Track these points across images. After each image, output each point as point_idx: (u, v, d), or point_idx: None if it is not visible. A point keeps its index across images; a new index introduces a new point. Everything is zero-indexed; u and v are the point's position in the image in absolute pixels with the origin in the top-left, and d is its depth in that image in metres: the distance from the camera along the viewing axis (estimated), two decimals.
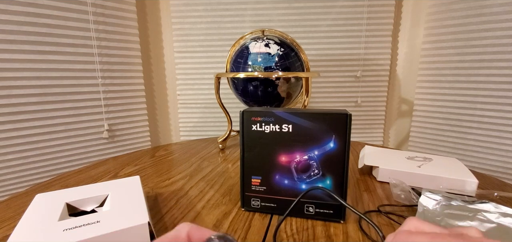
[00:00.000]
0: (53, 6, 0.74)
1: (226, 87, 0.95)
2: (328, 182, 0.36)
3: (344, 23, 0.93)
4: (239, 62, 0.65)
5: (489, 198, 0.43)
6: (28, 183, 0.77)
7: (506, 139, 0.77)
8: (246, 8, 0.93)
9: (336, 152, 0.35)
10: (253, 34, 0.72)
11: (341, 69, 0.96)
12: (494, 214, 0.33)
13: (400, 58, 0.98)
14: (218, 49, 0.97)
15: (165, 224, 0.38)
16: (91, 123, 0.85)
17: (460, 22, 0.82)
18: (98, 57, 0.83)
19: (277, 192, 0.38)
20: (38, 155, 0.77)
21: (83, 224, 0.28)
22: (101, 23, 0.83)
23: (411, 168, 0.50)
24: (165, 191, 0.48)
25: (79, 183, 0.52)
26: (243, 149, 0.39)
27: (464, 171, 0.49)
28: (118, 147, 0.92)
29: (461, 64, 0.83)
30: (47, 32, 0.74)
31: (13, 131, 0.72)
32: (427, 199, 0.37)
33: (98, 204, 0.35)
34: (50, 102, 0.77)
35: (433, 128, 0.91)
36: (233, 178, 0.54)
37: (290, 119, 0.36)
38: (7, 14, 0.68)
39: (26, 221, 0.29)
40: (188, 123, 1.05)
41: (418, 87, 0.93)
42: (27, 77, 0.73)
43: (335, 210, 0.37)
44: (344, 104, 1.00)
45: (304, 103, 0.63)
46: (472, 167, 0.84)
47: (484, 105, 0.80)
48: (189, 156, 0.69)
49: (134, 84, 0.93)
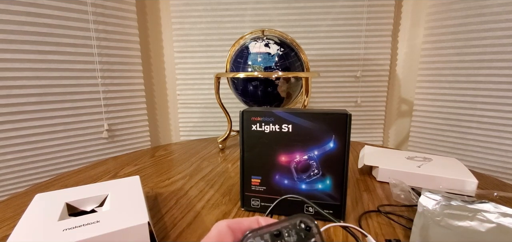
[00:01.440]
0: (53, 6, 0.74)
1: (226, 87, 0.95)
2: (328, 182, 0.36)
3: (344, 23, 0.93)
4: (239, 62, 0.65)
5: (489, 198, 0.43)
6: (28, 183, 0.77)
7: (506, 139, 0.77)
8: (246, 8, 0.93)
9: (336, 152, 0.35)
10: (253, 34, 0.72)
11: (341, 69, 0.96)
12: (494, 214, 0.33)
13: (400, 58, 0.98)
14: (218, 49, 0.97)
15: (165, 224, 0.38)
16: (91, 122, 0.85)
17: (460, 22, 0.82)
18: (98, 57, 0.83)
19: (277, 192, 0.38)
20: (38, 155, 0.77)
21: (83, 224, 0.28)
22: (101, 23, 0.83)
23: (411, 168, 0.50)
24: (165, 191, 0.48)
25: (78, 183, 0.52)
26: (243, 149, 0.39)
27: (464, 171, 0.49)
28: (118, 147, 0.92)
29: (461, 64, 0.83)
30: (47, 32, 0.74)
31: (13, 130, 0.72)
32: (426, 199, 0.37)
33: (97, 204, 0.35)
34: (50, 102, 0.77)
35: (433, 128, 0.91)
36: (233, 178, 0.54)
37: (290, 119, 0.36)
38: (7, 14, 0.68)
39: (25, 221, 0.29)
40: (188, 123, 1.04)
41: (418, 87, 0.93)
42: (27, 77, 0.73)
43: (335, 210, 0.37)
44: (344, 104, 1.00)
45: (304, 103, 0.63)
46: (472, 167, 0.84)
47: (484, 105, 0.80)
48: (189, 156, 0.68)
49: (134, 84, 0.93)
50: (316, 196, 0.37)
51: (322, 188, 0.36)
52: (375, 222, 0.37)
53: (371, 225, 0.37)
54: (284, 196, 0.33)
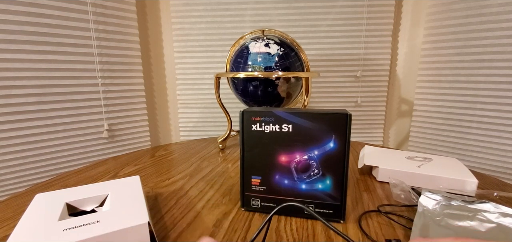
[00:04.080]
0: (53, 6, 0.74)
1: (226, 87, 0.95)
2: (328, 182, 0.36)
3: (344, 23, 0.93)
4: (239, 62, 0.65)
5: (489, 198, 0.43)
6: (28, 183, 0.77)
7: (506, 139, 0.77)
8: (246, 8, 0.93)
9: (336, 152, 0.35)
10: (253, 34, 0.72)
11: (341, 69, 0.96)
12: (494, 214, 0.33)
13: (400, 58, 0.98)
14: (218, 49, 0.97)
15: (165, 224, 0.38)
16: (91, 122, 0.85)
17: (460, 22, 0.82)
18: (98, 57, 0.83)
19: (277, 192, 0.38)
20: (38, 155, 0.77)
21: (83, 224, 0.28)
22: (101, 23, 0.83)
23: (411, 168, 0.50)
24: (165, 191, 0.48)
25: (79, 183, 0.52)
26: (243, 149, 0.39)
27: (464, 171, 0.49)
28: (118, 147, 0.92)
29: (461, 64, 0.83)
30: (47, 32, 0.74)
31: (13, 130, 0.72)
32: (427, 199, 0.37)
33: (98, 204, 0.35)
34: (50, 102, 0.77)
35: (433, 128, 0.91)
36: (233, 178, 0.54)
37: (290, 119, 0.36)
38: (7, 14, 0.68)
39: (26, 221, 0.29)
40: (188, 123, 1.04)
41: (418, 87, 0.93)
42: (27, 77, 0.73)
43: (335, 210, 0.37)
44: (344, 104, 1.00)
45: (304, 103, 0.63)
46: (472, 167, 0.84)
47: (484, 105, 0.80)
48: (189, 156, 0.69)
49: (134, 84, 0.93)
50: (316, 196, 0.37)
51: (322, 188, 0.36)
52: (375, 222, 0.37)
53: (371, 225, 0.37)
54: (285, 204, 0.33)
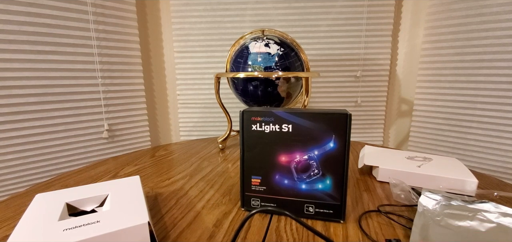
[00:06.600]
0: (53, 6, 0.74)
1: (226, 87, 0.95)
2: (328, 182, 0.36)
3: (344, 23, 0.93)
4: (239, 62, 0.65)
5: (489, 198, 0.43)
6: (28, 183, 0.77)
7: (506, 139, 0.77)
8: (246, 8, 0.93)
9: (336, 151, 0.35)
10: (253, 34, 0.72)
11: (341, 69, 0.96)
12: (494, 214, 0.33)
13: (400, 58, 0.98)
14: (218, 49, 0.97)
15: (165, 224, 0.38)
16: (91, 123, 0.85)
17: (460, 22, 0.82)
18: (98, 57, 0.83)
19: (277, 192, 0.38)
20: (38, 155, 0.77)
21: (83, 224, 0.28)
22: (101, 23, 0.83)
23: (411, 168, 0.50)
24: (165, 191, 0.48)
25: (79, 183, 0.52)
26: (243, 149, 0.39)
27: (464, 171, 0.49)
28: (118, 147, 0.92)
29: (461, 64, 0.83)
30: (47, 32, 0.74)
31: (13, 130, 0.72)
32: (427, 199, 0.37)
33: (98, 204, 0.35)
34: (50, 102, 0.77)
35: (433, 127, 0.91)
36: (233, 178, 0.54)
37: (290, 119, 0.36)
38: (7, 14, 0.68)
39: (26, 221, 0.29)
40: (188, 123, 1.04)
41: (418, 87, 0.93)
42: (27, 77, 0.73)
43: (335, 210, 0.37)
44: (344, 104, 1.00)
45: (304, 103, 0.63)
46: (472, 167, 0.84)
47: (484, 105, 0.80)
48: (189, 156, 0.69)
49: (134, 84, 0.93)
50: (316, 196, 0.37)
51: (322, 188, 0.36)
52: (375, 222, 0.37)
53: (371, 225, 0.37)
54: (287, 213, 0.33)
